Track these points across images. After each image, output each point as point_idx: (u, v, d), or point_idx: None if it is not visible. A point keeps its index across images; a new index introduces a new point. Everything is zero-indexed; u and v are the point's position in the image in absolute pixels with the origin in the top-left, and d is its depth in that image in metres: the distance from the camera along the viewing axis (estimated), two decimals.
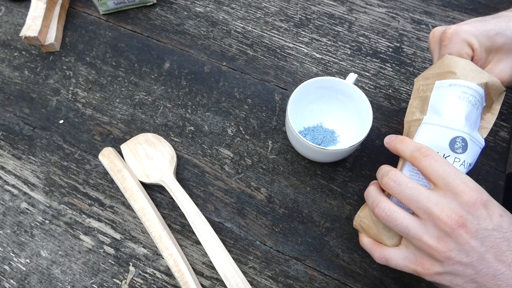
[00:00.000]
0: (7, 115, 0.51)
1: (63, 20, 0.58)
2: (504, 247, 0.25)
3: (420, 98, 0.36)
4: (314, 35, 0.57)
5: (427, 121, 0.34)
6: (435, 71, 0.36)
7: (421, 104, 0.36)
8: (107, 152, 0.46)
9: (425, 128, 0.34)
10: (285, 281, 0.41)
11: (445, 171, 0.28)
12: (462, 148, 0.32)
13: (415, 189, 0.29)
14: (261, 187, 0.46)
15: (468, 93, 0.33)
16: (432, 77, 0.36)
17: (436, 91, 0.35)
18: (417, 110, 0.36)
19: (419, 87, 0.37)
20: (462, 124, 0.33)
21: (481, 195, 0.26)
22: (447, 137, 0.32)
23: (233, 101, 0.52)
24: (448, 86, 0.34)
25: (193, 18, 0.59)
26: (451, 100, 0.33)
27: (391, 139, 0.35)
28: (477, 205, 0.26)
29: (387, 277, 0.41)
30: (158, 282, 0.41)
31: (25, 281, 0.41)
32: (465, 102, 0.33)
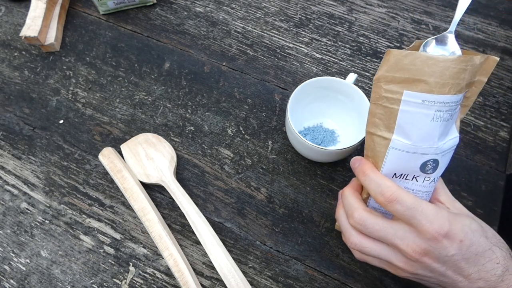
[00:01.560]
0: (7, 115, 0.51)
1: (63, 20, 0.58)
2: (463, 265, 0.29)
3: (384, 108, 0.30)
4: (314, 35, 0.57)
5: (396, 146, 0.30)
6: (400, 73, 0.29)
7: (386, 117, 0.30)
8: (107, 152, 0.46)
9: (394, 153, 0.31)
10: (285, 281, 0.41)
11: (410, 214, 0.29)
12: (433, 168, 0.31)
13: (381, 230, 0.31)
14: (261, 187, 0.46)
15: (444, 110, 0.29)
16: (397, 82, 0.29)
17: (405, 107, 0.29)
18: (381, 123, 0.31)
19: (381, 92, 0.30)
20: (435, 147, 0.30)
21: (441, 228, 0.29)
22: (418, 162, 0.30)
23: (233, 101, 0.52)
24: (421, 102, 0.28)
25: (193, 18, 0.59)
26: (424, 123, 0.29)
27: (354, 165, 0.34)
28: (438, 238, 0.29)
29: (387, 277, 0.41)
30: (158, 282, 0.41)
31: (25, 281, 0.41)
32: (439, 123, 0.29)
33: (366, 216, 0.32)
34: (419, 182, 0.32)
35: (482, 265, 0.29)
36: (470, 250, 0.29)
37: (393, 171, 0.32)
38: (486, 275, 0.29)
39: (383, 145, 0.31)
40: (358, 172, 0.33)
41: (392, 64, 0.29)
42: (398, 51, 0.29)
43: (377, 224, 0.31)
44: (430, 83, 0.28)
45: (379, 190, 0.31)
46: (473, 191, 0.46)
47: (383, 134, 0.31)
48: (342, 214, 0.35)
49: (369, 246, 0.32)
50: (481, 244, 0.29)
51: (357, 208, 0.33)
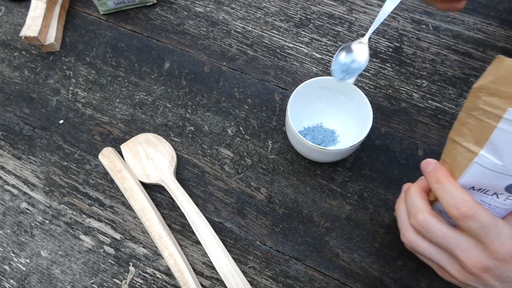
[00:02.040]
0: (7, 115, 0.51)
1: (63, 20, 0.58)
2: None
3: (477, 120, 0.27)
4: (314, 35, 0.57)
5: (482, 163, 0.27)
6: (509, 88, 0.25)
7: (478, 130, 0.27)
8: (107, 152, 0.46)
9: (478, 169, 0.27)
10: (285, 281, 0.41)
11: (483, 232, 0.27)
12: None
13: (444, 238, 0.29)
14: (261, 187, 0.46)
15: None
16: (501, 96, 0.25)
17: (505, 126, 0.25)
18: (469, 134, 0.28)
19: (479, 103, 0.27)
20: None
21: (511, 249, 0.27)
22: (504, 182, 0.27)
23: (233, 101, 0.52)
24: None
25: (193, 18, 0.59)
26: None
27: (427, 168, 0.31)
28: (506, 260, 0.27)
29: (387, 277, 0.41)
30: (158, 282, 0.41)
31: (25, 281, 0.41)
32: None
33: (430, 219, 0.30)
34: (499, 199, 0.29)
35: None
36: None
37: (472, 185, 0.29)
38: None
39: (467, 157, 0.28)
40: (430, 177, 0.30)
41: (501, 76, 0.25)
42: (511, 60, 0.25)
43: (440, 231, 0.29)
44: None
45: (454, 203, 0.28)
46: None
47: (469, 146, 0.28)
48: (402, 210, 0.33)
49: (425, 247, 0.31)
50: None
51: (422, 209, 0.30)
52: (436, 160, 0.32)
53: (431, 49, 0.55)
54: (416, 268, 0.41)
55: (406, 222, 0.32)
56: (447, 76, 0.53)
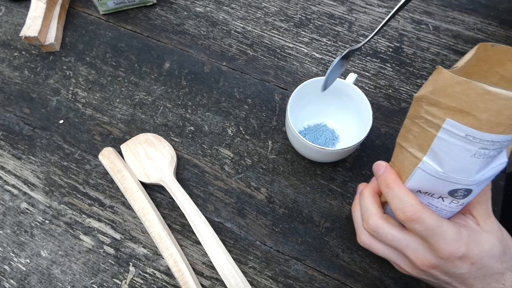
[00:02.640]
0: (7, 115, 0.51)
1: (63, 20, 0.58)
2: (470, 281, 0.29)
3: (420, 127, 0.28)
4: (314, 35, 0.57)
5: (425, 169, 0.28)
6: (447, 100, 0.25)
7: (421, 137, 0.28)
8: (107, 152, 0.46)
9: (422, 174, 0.28)
10: (285, 281, 0.41)
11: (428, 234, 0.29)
12: (463, 196, 0.28)
13: (394, 241, 0.31)
14: (261, 187, 0.46)
15: (491, 148, 0.25)
16: (441, 106, 0.25)
17: (444, 136, 0.26)
18: (414, 140, 0.28)
19: (421, 112, 0.27)
20: (470, 180, 0.26)
21: (457, 251, 0.28)
22: (447, 188, 0.28)
23: (233, 101, 0.52)
24: (464, 136, 0.25)
25: (193, 18, 0.59)
26: (462, 157, 0.25)
27: (378, 171, 0.32)
28: (451, 259, 0.28)
29: (387, 277, 0.41)
30: (158, 282, 0.41)
31: (25, 281, 0.41)
32: (481, 159, 0.25)
33: (381, 224, 0.32)
34: (445, 202, 0.30)
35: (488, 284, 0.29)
36: (479, 272, 0.29)
37: (418, 188, 0.30)
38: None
39: (412, 162, 0.29)
40: (381, 181, 0.32)
41: (439, 87, 0.25)
42: (450, 74, 0.24)
43: (390, 234, 0.31)
44: (481, 120, 0.24)
45: (401, 207, 0.29)
46: None
47: (414, 152, 0.28)
48: (357, 212, 0.35)
49: (379, 248, 0.33)
50: (493, 268, 0.29)
51: (373, 214, 0.32)
52: (386, 162, 0.33)
53: (431, 49, 0.55)
54: None
55: (360, 225, 0.34)
56: None
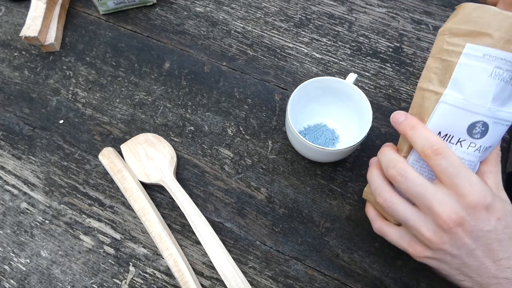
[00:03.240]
0: (7, 115, 0.51)
1: (63, 20, 0.58)
2: (495, 246, 0.27)
3: (442, 61, 0.30)
4: (314, 35, 0.57)
5: (447, 100, 0.30)
6: (466, 26, 0.29)
7: (442, 71, 0.30)
8: (107, 152, 0.46)
9: (443, 108, 0.30)
10: (285, 281, 0.41)
11: (454, 172, 0.28)
12: (481, 133, 0.29)
13: (422, 186, 0.29)
14: (261, 187, 0.46)
15: (503, 68, 0.28)
16: (461, 35, 0.29)
17: (465, 60, 0.29)
18: (435, 78, 0.31)
19: (443, 45, 0.30)
20: (487, 108, 0.29)
21: (484, 198, 0.27)
22: (466, 121, 0.29)
23: (233, 101, 0.52)
24: (482, 56, 0.28)
25: (193, 18, 0.59)
26: (480, 78, 0.28)
27: (399, 119, 0.32)
28: (478, 207, 0.27)
29: (387, 277, 0.41)
30: (158, 282, 0.41)
31: (25, 281, 0.41)
32: (496, 81, 0.28)
33: (410, 168, 0.30)
34: (463, 148, 0.30)
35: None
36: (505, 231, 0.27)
37: (439, 129, 0.31)
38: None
39: (433, 100, 0.31)
40: (405, 126, 0.31)
41: (460, 16, 0.29)
42: (470, 4, 0.29)
43: (419, 179, 0.29)
44: (495, 37, 0.28)
45: (427, 143, 0.29)
46: None
47: (435, 89, 0.31)
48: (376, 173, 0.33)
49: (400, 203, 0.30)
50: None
51: (401, 161, 0.31)
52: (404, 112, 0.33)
53: (431, 49, 0.55)
54: (416, 268, 0.41)
55: (381, 184, 0.32)
56: None
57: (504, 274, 0.27)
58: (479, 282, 0.28)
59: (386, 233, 0.33)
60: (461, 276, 0.29)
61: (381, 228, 0.33)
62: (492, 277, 0.27)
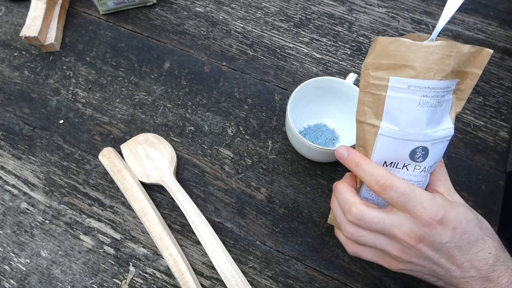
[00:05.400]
0: (7, 115, 0.51)
1: (63, 20, 0.58)
2: (456, 253, 0.30)
3: (372, 95, 0.31)
4: (314, 35, 0.57)
5: (385, 133, 0.31)
6: (386, 60, 0.30)
7: (375, 105, 0.31)
8: (107, 152, 0.46)
9: (383, 140, 0.31)
10: (285, 281, 0.41)
11: (404, 200, 0.30)
12: (422, 156, 0.31)
13: (380, 222, 0.31)
14: (261, 187, 0.46)
15: (430, 96, 0.29)
16: (384, 68, 0.30)
17: (392, 93, 0.30)
18: (370, 111, 0.32)
19: (369, 79, 0.31)
20: (423, 134, 0.30)
21: (436, 214, 0.29)
22: (407, 149, 0.31)
23: (233, 101, 0.52)
24: (407, 88, 0.29)
25: (193, 18, 0.59)
26: (410, 108, 0.29)
27: (343, 155, 0.34)
28: (432, 224, 0.29)
29: (387, 277, 0.41)
30: (158, 282, 0.41)
31: (25, 281, 0.41)
32: (425, 108, 0.29)
33: (364, 210, 0.32)
34: (409, 171, 0.32)
35: (474, 254, 0.30)
36: (463, 238, 0.30)
37: (383, 159, 0.32)
38: (478, 264, 0.30)
39: (373, 132, 0.31)
40: (349, 162, 0.33)
41: (378, 51, 0.30)
42: (384, 38, 0.29)
43: (375, 217, 0.31)
44: (415, 68, 0.28)
45: (373, 178, 0.31)
46: (473, 191, 0.46)
47: (372, 122, 0.31)
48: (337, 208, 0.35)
49: (366, 235, 0.33)
50: (474, 233, 0.30)
51: (354, 202, 0.32)
52: (347, 146, 0.34)
53: None
54: None
55: (343, 219, 0.34)
56: None
57: (470, 273, 0.30)
58: (450, 282, 0.31)
59: (361, 255, 0.35)
60: (434, 279, 0.32)
61: (355, 251, 0.35)
62: (460, 277, 0.30)
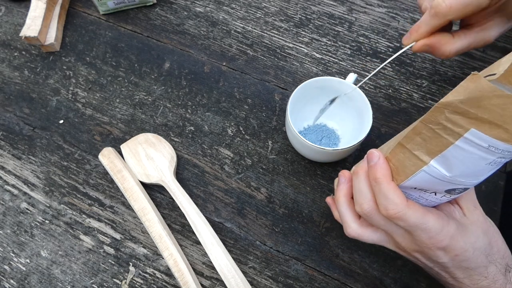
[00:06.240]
0: (7, 115, 0.51)
1: (63, 20, 0.58)
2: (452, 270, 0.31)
3: (434, 133, 0.26)
4: (314, 35, 0.57)
5: (431, 172, 0.27)
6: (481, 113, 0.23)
7: (432, 142, 0.27)
8: (107, 152, 0.46)
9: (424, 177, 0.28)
10: (285, 281, 0.41)
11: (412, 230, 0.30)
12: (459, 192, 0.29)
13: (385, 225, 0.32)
14: (261, 187, 0.46)
15: (507, 157, 0.25)
16: (469, 116, 0.24)
17: (463, 144, 0.25)
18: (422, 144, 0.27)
19: (441, 120, 0.25)
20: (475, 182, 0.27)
21: (439, 243, 0.29)
22: (447, 187, 0.28)
23: (233, 101, 0.52)
24: (486, 147, 0.24)
25: (193, 18, 0.59)
26: (475, 164, 0.25)
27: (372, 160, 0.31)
28: (432, 249, 0.30)
29: (387, 277, 0.41)
30: (158, 282, 0.41)
31: (25, 281, 0.41)
32: (494, 166, 0.26)
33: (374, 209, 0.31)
34: (437, 196, 0.30)
35: (470, 276, 0.30)
36: (462, 264, 0.30)
37: (414, 187, 0.30)
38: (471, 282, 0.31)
39: (415, 164, 0.28)
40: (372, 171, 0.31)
41: (474, 97, 0.23)
42: (490, 85, 0.22)
43: (382, 220, 0.31)
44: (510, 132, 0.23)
45: (385, 203, 0.29)
46: None
47: (420, 156, 0.28)
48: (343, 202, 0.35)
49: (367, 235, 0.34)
50: (477, 262, 0.30)
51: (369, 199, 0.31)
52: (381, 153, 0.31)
53: None
54: (416, 268, 0.41)
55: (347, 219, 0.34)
56: (447, 76, 0.53)
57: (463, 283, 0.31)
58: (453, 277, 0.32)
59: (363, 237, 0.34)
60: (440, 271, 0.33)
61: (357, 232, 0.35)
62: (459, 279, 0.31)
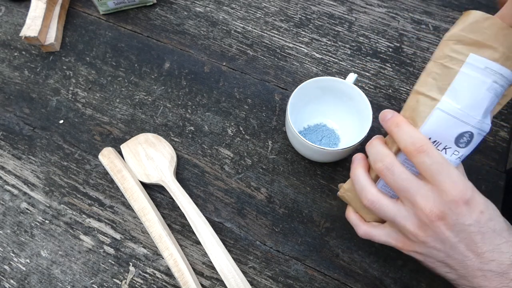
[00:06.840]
0: (7, 115, 0.51)
1: (63, 20, 0.58)
2: (478, 239, 0.28)
3: (443, 67, 0.30)
4: (314, 35, 0.57)
5: (443, 108, 0.30)
6: (473, 35, 0.29)
7: (442, 78, 0.30)
8: (107, 152, 0.46)
9: (438, 115, 0.30)
10: (285, 281, 0.41)
11: (436, 169, 0.29)
12: (466, 143, 0.30)
13: (407, 180, 0.30)
14: (261, 187, 0.46)
15: (499, 83, 0.29)
16: (467, 43, 0.29)
17: (466, 69, 0.29)
18: (434, 84, 0.31)
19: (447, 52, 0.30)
20: (477, 120, 0.30)
21: (464, 193, 0.28)
22: (457, 130, 0.30)
23: (233, 101, 0.52)
24: (483, 68, 0.29)
25: (193, 18, 0.59)
26: (479, 90, 0.29)
27: (386, 117, 0.32)
28: (459, 203, 0.28)
29: (387, 277, 0.41)
30: (158, 282, 0.41)
31: (25, 281, 0.41)
32: (491, 94, 0.29)
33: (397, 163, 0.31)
34: (447, 155, 0.31)
35: (497, 245, 0.28)
36: (489, 224, 0.28)
37: (429, 135, 0.31)
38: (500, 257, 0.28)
39: (429, 105, 0.31)
40: (390, 123, 0.31)
41: (469, 24, 0.29)
42: (479, 12, 0.29)
43: (404, 173, 0.30)
44: (498, 52, 0.28)
45: (411, 140, 0.29)
46: None
47: (432, 95, 0.30)
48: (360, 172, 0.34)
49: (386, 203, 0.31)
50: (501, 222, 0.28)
51: (389, 155, 0.31)
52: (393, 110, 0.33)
53: (431, 49, 0.55)
54: (416, 268, 0.41)
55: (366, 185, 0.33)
56: None
57: (489, 266, 0.28)
58: (464, 275, 0.29)
59: (374, 236, 0.34)
60: (447, 269, 0.30)
61: (367, 233, 0.34)
62: (477, 269, 0.28)
